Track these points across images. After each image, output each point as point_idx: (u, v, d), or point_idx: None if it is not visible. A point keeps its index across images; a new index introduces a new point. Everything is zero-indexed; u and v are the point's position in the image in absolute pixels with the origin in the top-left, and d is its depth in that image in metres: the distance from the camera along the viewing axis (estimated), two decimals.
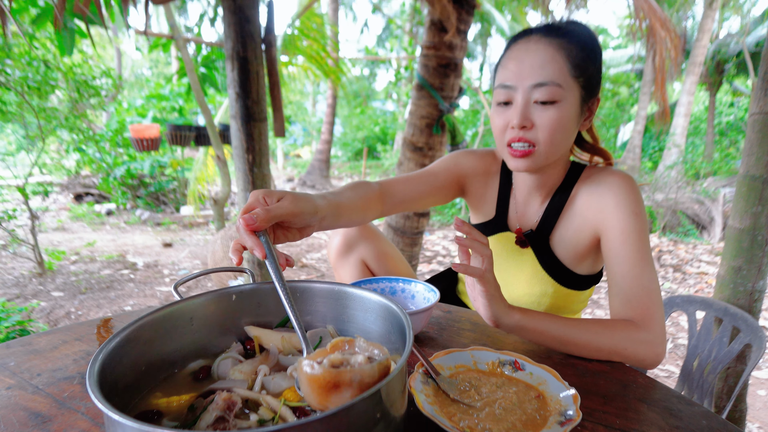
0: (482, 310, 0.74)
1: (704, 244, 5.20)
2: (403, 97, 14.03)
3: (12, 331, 2.19)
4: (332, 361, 0.46)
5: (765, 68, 1.59)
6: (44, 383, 0.67)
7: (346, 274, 1.15)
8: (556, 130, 0.84)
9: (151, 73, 17.66)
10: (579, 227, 0.95)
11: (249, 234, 0.61)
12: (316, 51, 4.73)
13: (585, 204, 0.93)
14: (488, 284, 0.70)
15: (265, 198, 0.65)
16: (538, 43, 0.84)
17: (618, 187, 0.88)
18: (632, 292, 0.81)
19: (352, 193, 0.86)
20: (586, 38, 0.86)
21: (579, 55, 0.84)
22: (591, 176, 0.95)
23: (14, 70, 4.39)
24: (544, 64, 0.82)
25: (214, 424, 0.48)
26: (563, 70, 0.82)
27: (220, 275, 3.54)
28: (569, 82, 0.83)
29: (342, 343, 0.51)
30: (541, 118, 0.84)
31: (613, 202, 0.87)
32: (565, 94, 0.83)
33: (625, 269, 0.83)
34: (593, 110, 0.91)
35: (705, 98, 14.27)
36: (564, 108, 0.83)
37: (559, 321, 0.77)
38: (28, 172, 4.32)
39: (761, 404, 2.31)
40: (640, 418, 0.61)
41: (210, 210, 6.43)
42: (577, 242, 0.96)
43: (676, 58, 4.79)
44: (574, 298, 1.03)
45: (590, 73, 0.86)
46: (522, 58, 0.84)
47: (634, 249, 0.83)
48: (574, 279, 0.99)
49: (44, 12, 2.74)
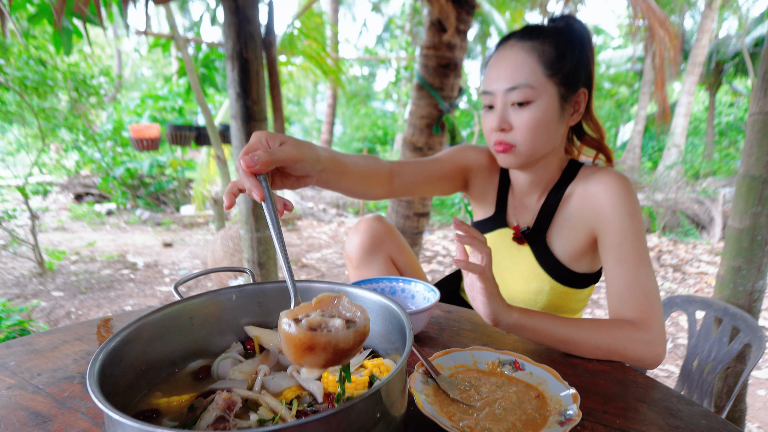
0: (481, 308, 0.74)
1: (704, 244, 5.21)
2: (403, 97, 14.02)
3: (12, 331, 2.19)
4: (310, 322, 0.46)
5: (765, 68, 1.59)
6: (44, 383, 0.67)
7: (374, 270, 1.14)
8: (533, 129, 0.88)
9: (152, 73, 17.65)
10: (575, 226, 0.95)
11: (248, 176, 0.60)
12: (315, 51, 4.73)
13: (580, 203, 0.94)
14: (487, 281, 0.71)
15: (267, 140, 0.64)
16: (512, 48, 0.88)
17: (613, 188, 0.89)
18: (630, 293, 0.81)
19: (360, 160, 0.88)
20: (564, 35, 0.88)
21: (552, 54, 0.86)
22: (587, 175, 0.96)
23: (13, 69, 4.39)
24: (515, 68, 0.87)
25: (214, 424, 0.48)
26: (535, 71, 0.86)
27: (220, 275, 3.54)
28: (542, 81, 0.86)
29: (328, 299, 0.50)
30: (518, 119, 0.88)
31: (609, 203, 0.88)
32: (539, 94, 0.86)
33: (622, 270, 0.83)
34: (581, 103, 0.92)
35: (705, 98, 14.28)
36: (539, 107, 0.87)
37: (558, 320, 0.77)
38: (28, 172, 4.32)
39: (761, 404, 2.31)
40: (640, 418, 0.61)
41: (210, 210, 6.43)
42: (574, 241, 0.96)
43: (675, 58, 4.79)
44: (573, 296, 1.03)
45: (567, 69, 0.87)
46: (498, 65, 0.89)
47: (631, 249, 0.84)
48: (572, 277, 0.99)
49: (41, 10, 2.73)
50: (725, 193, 5.59)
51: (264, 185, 0.60)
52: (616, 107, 14.33)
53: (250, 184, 0.60)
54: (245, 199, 2.35)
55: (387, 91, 16.93)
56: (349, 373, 0.52)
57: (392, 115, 17.00)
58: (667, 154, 8.86)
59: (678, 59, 5.72)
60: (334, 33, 8.50)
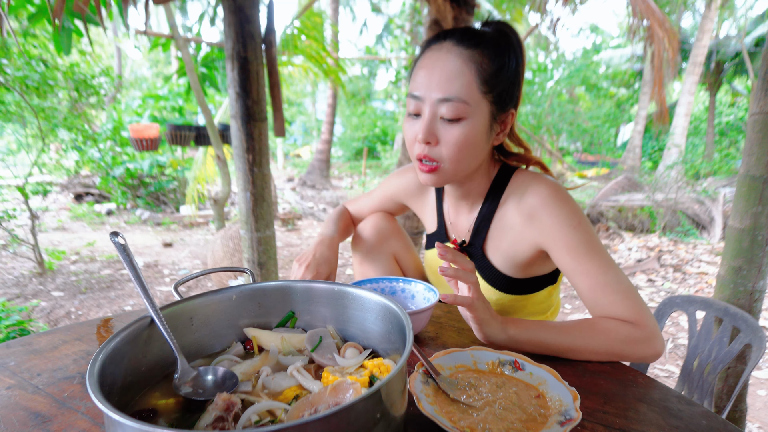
0: (475, 332, 0.75)
1: (704, 244, 5.21)
2: (403, 97, 14.02)
3: (12, 331, 2.19)
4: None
5: (765, 68, 1.59)
6: (44, 383, 0.67)
7: (378, 266, 1.14)
8: (461, 149, 0.82)
9: (151, 73, 17.65)
10: (515, 241, 0.91)
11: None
12: (316, 50, 4.73)
13: (517, 215, 0.90)
14: (477, 311, 0.71)
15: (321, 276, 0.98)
16: (449, 53, 0.80)
17: (551, 202, 0.85)
18: (608, 300, 0.79)
19: (341, 223, 1.18)
20: (502, 47, 0.82)
21: (490, 68, 0.80)
22: (520, 184, 0.91)
23: (14, 69, 4.39)
24: (451, 78, 0.79)
25: (213, 424, 0.48)
26: (471, 85, 0.79)
27: (220, 275, 3.54)
28: (477, 98, 0.80)
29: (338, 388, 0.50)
30: (447, 135, 0.81)
31: (550, 220, 0.84)
32: (473, 111, 0.80)
33: (590, 282, 0.80)
34: (507, 123, 0.88)
35: (705, 98, 14.28)
36: (470, 125, 0.81)
37: (554, 329, 0.76)
38: (28, 171, 4.32)
39: (761, 404, 2.31)
40: (640, 418, 0.61)
41: (210, 210, 6.43)
42: (515, 255, 0.93)
43: (674, 58, 4.79)
44: (525, 302, 0.99)
45: (502, 87, 0.82)
46: (432, 68, 0.81)
47: (589, 260, 0.80)
48: (515, 285, 0.96)
49: (41, 9, 2.73)
50: (725, 193, 5.59)
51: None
52: (616, 107, 14.33)
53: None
54: (245, 200, 2.35)
55: (387, 91, 16.93)
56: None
57: (392, 115, 17.01)
58: (668, 154, 8.86)
59: (677, 59, 5.71)
60: (334, 33, 8.50)
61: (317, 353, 0.64)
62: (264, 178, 2.38)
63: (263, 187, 2.38)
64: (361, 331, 0.68)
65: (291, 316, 0.72)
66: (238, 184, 2.37)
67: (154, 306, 0.57)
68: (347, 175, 13.41)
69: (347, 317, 0.69)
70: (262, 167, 2.36)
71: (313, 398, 0.50)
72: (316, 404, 0.49)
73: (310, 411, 0.48)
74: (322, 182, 10.68)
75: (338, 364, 0.62)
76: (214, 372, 0.58)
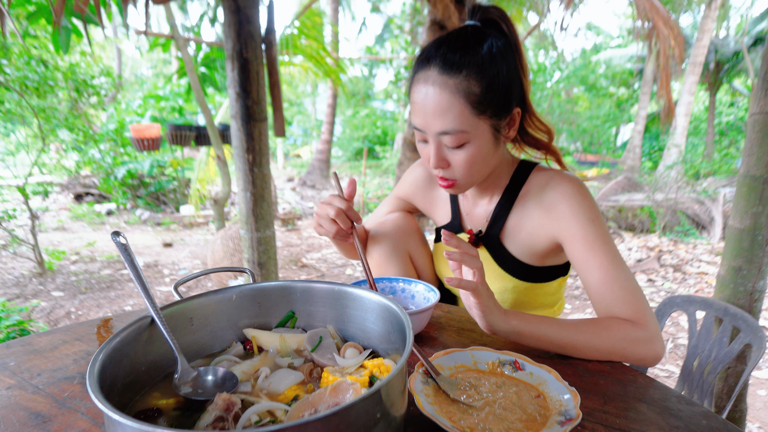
0: (477, 320, 0.75)
1: (704, 244, 5.20)
2: (403, 97, 14.02)
3: (12, 331, 2.19)
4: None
5: (765, 68, 1.59)
6: (44, 383, 0.67)
7: (393, 265, 1.11)
8: (471, 166, 0.86)
9: (152, 73, 17.65)
10: (533, 231, 0.94)
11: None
12: (316, 50, 4.73)
13: (537, 210, 0.92)
14: (481, 296, 0.71)
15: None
16: (435, 85, 0.80)
17: (571, 195, 0.87)
18: (614, 296, 0.80)
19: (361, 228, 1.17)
20: (487, 60, 0.81)
21: (480, 89, 0.80)
22: (540, 179, 0.94)
23: (13, 69, 4.39)
24: (444, 112, 0.80)
25: (213, 424, 0.48)
26: (464, 114, 0.80)
27: (220, 275, 3.54)
28: (473, 122, 0.81)
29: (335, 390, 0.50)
30: (455, 158, 0.86)
31: (569, 211, 0.87)
32: (473, 135, 0.83)
33: (600, 277, 0.82)
34: (516, 119, 0.88)
35: (705, 98, 14.27)
36: (475, 146, 0.84)
37: (556, 324, 0.77)
38: (28, 172, 4.32)
39: (761, 404, 2.31)
40: (640, 418, 0.61)
41: (210, 210, 6.43)
42: (533, 245, 0.95)
43: (680, 56, 4.79)
44: (539, 291, 1.02)
45: (497, 99, 0.82)
46: (424, 104, 0.82)
47: (602, 254, 0.83)
48: (533, 272, 0.99)
49: (40, 9, 2.72)
50: (725, 193, 5.59)
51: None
52: (616, 107, 14.34)
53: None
54: (245, 200, 2.35)
55: (387, 91, 16.92)
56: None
57: (392, 115, 17.00)
58: (668, 154, 8.87)
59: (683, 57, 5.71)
60: (334, 33, 8.50)
61: (317, 353, 0.64)
62: (264, 178, 2.38)
63: (263, 187, 2.38)
64: (361, 331, 0.68)
65: (291, 317, 0.72)
66: (238, 184, 2.37)
67: (155, 306, 0.57)
68: (347, 175, 13.41)
69: (347, 317, 0.69)
70: (262, 167, 2.36)
71: (313, 398, 0.50)
72: (316, 404, 0.49)
73: (310, 411, 0.48)
74: (322, 182, 10.69)
75: (338, 364, 0.62)
76: (214, 372, 0.58)
